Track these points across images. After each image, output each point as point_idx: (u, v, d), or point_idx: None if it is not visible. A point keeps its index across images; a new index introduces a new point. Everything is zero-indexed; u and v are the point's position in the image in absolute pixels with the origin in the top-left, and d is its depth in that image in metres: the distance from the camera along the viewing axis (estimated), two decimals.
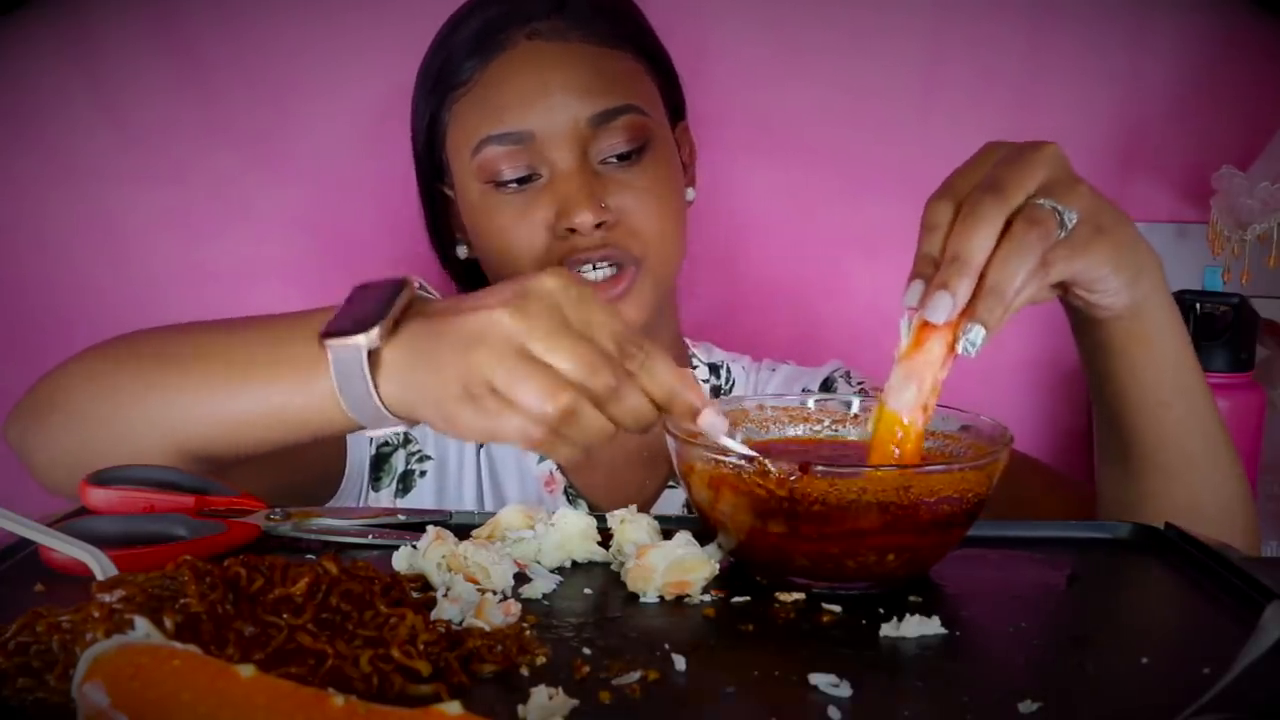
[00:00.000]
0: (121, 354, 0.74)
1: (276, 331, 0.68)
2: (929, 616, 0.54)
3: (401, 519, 0.68)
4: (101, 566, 0.55)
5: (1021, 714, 0.45)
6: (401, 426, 0.64)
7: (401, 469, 0.97)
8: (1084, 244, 0.65)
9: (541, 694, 0.45)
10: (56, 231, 1.18)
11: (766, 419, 0.70)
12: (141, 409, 0.71)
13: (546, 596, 0.58)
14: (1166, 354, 0.72)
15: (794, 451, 0.68)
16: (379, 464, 0.96)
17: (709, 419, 0.59)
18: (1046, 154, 0.65)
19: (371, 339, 0.61)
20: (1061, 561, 0.64)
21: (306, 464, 0.89)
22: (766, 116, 1.20)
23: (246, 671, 0.38)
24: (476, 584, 0.57)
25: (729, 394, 1.03)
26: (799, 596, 0.58)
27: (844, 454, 0.68)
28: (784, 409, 0.71)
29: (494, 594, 0.56)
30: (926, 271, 0.62)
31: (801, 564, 0.58)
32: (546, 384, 0.57)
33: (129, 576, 0.48)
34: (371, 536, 0.66)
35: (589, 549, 0.63)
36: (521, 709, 0.45)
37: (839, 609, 0.56)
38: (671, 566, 0.58)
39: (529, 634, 0.52)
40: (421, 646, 0.47)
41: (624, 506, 0.64)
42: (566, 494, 0.97)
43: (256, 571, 0.50)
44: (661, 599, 0.58)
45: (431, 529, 0.61)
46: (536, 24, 0.89)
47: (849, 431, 0.70)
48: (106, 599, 0.46)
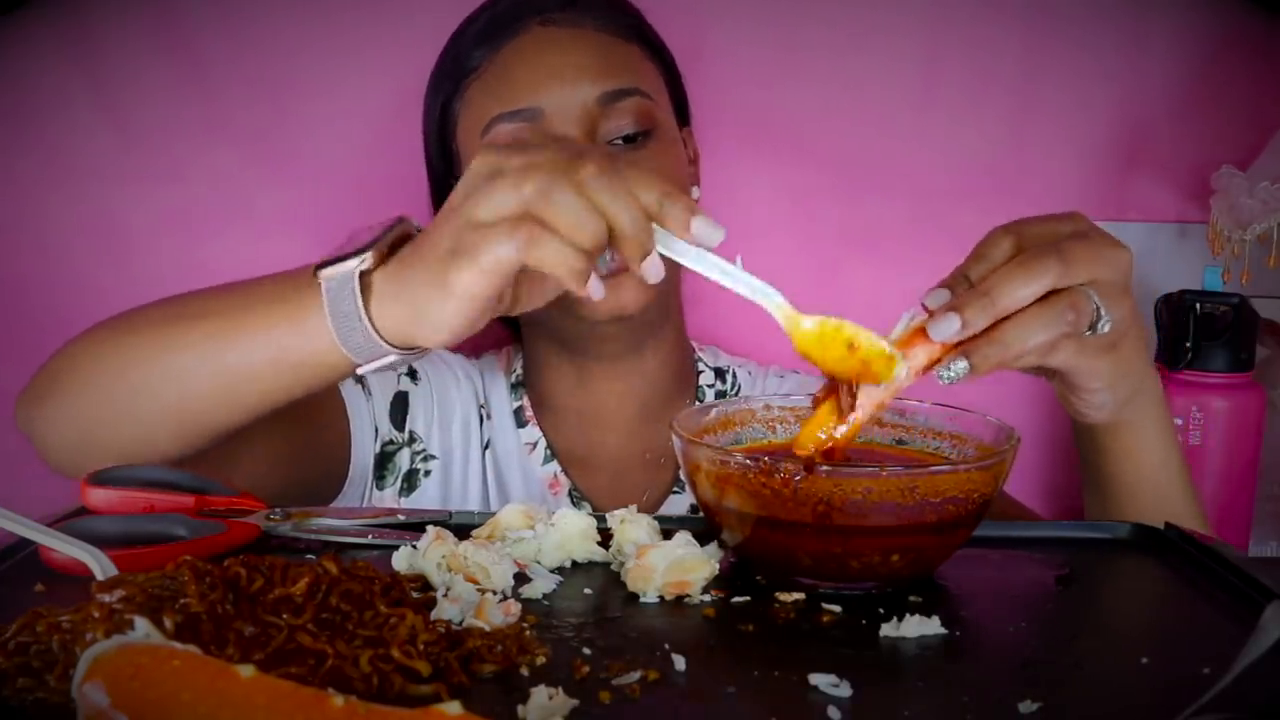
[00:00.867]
0: (125, 323, 0.76)
1: (275, 280, 0.71)
2: (929, 616, 0.54)
3: (401, 519, 0.68)
4: (101, 566, 0.55)
5: (1021, 714, 0.45)
6: (392, 356, 0.66)
7: (406, 468, 0.97)
8: (1093, 351, 0.65)
9: (541, 694, 0.45)
10: (56, 231, 1.18)
11: (773, 419, 0.70)
12: (144, 371, 0.72)
13: (546, 596, 0.58)
14: (1151, 465, 0.74)
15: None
16: (383, 462, 0.96)
17: (701, 226, 0.60)
18: (1121, 256, 0.64)
19: (363, 260, 0.64)
20: (1061, 562, 0.64)
21: (312, 460, 0.89)
22: (764, 116, 1.20)
23: (246, 671, 0.38)
24: (476, 584, 0.57)
25: (734, 398, 1.03)
26: (799, 596, 0.58)
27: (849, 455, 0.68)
28: (790, 409, 0.71)
29: (494, 594, 0.56)
30: (958, 288, 0.62)
31: (805, 564, 0.58)
32: (515, 179, 0.60)
33: (129, 576, 0.48)
34: (371, 536, 0.66)
35: (589, 549, 0.63)
36: (521, 709, 0.45)
37: (839, 609, 0.56)
38: (671, 566, 0.58)
39: (529, 634, 0.52)
40: (421, 646, 0.47)
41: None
42: (571, 496, 0.97)
43: (256, 571, 0.50)
44: (661, 599, 0.58)
45: (431, 529, 0.61)
46: (548, 13, 0.90)
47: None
48: (106, 599, 0.46)
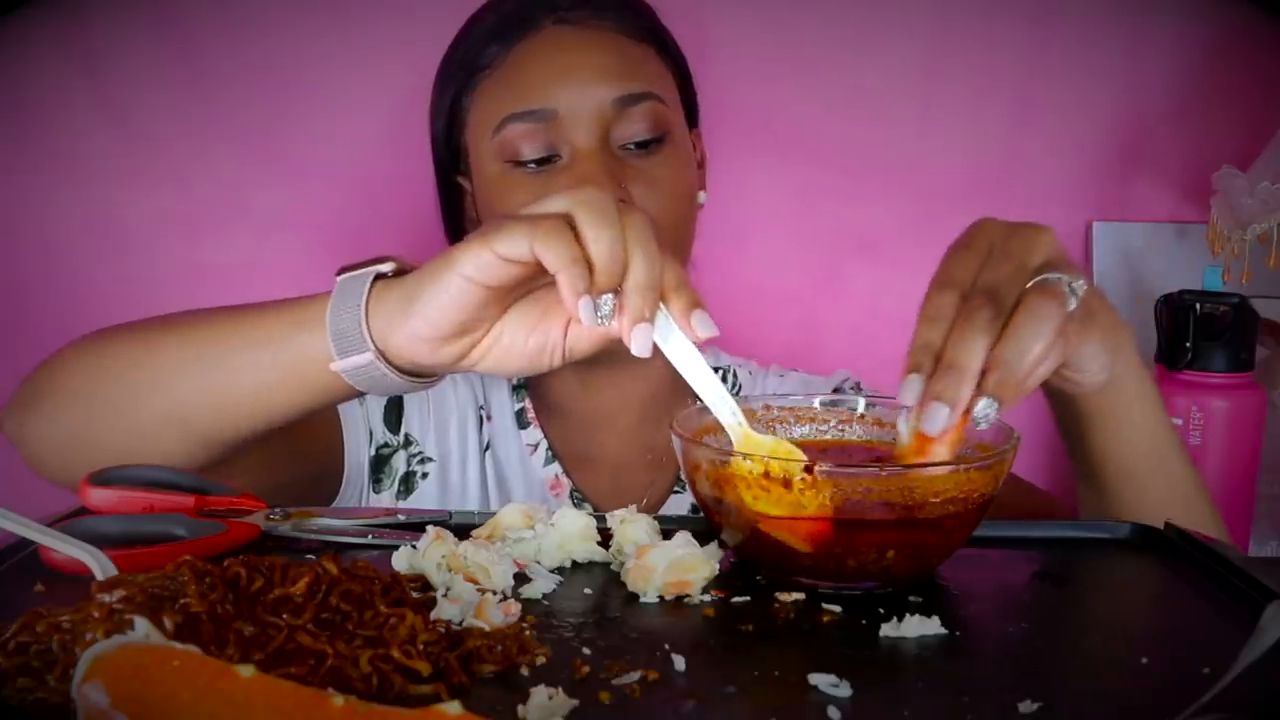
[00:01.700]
0: (118, 332, 0.76)
1: (260, 309, 0.72)
2: (929, 616, 0.54)
3: (401, 519, 0.68)
4: (101, 566, 0.55)
5: (1021, 714, 0.45)
6: (368, 354, 0.66)
7: (403, 470, 0.96)
8: (1083, 326, 0.65)
9: (541, 694, 0.45)
10: (56, 231, 1.18)
11: (773, 419, 0.70)
12: (132, 386, 0.72)
13: (546, 596, 0.58)
14: (1142, 425, 0.73)
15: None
16: (379, 465, 0.96)
17: (700, 320, 0.62)
18: (1045, 234, 0.64)
19: (388, 266, 0.68)
20: (1061, 561, 0.64)
21: (304, 464, 0.89)
22: (764, 116, 1.20)
23: (246, 671, 0.38)
24: (476, 584, 0.57)
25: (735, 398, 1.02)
26: (799, 596, 0.58)
27: (849, 454, 0.68)
28: (790, 409, 0.71)
29: (494, 594, 0.56)
30: (924, 363, 0.60)
31: (805, 564, 0.58)
32: (568, 193, 0.63)
33: (129, 576, 0.48)
34: (371, 536, 0.66)
35: (589, 549, 0.63)
36: (521, 709, 0.45)
37: (839, 609, 0.56)
38: (671, 566, 0.58)
39: (529, 634, 0.52)
40: (421, 646, 0.47)
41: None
42: (572, 497, 0.97)
43: (256, 571, 0.50)
44: (661, 599, 0.58)
45: (431, 529, 0.61)
46: (562, 11, 0.90)
47: (855, 432, 0.70)
48: (106, 599, 0.46)
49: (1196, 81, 1.19)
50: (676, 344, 0.63)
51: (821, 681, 0.47)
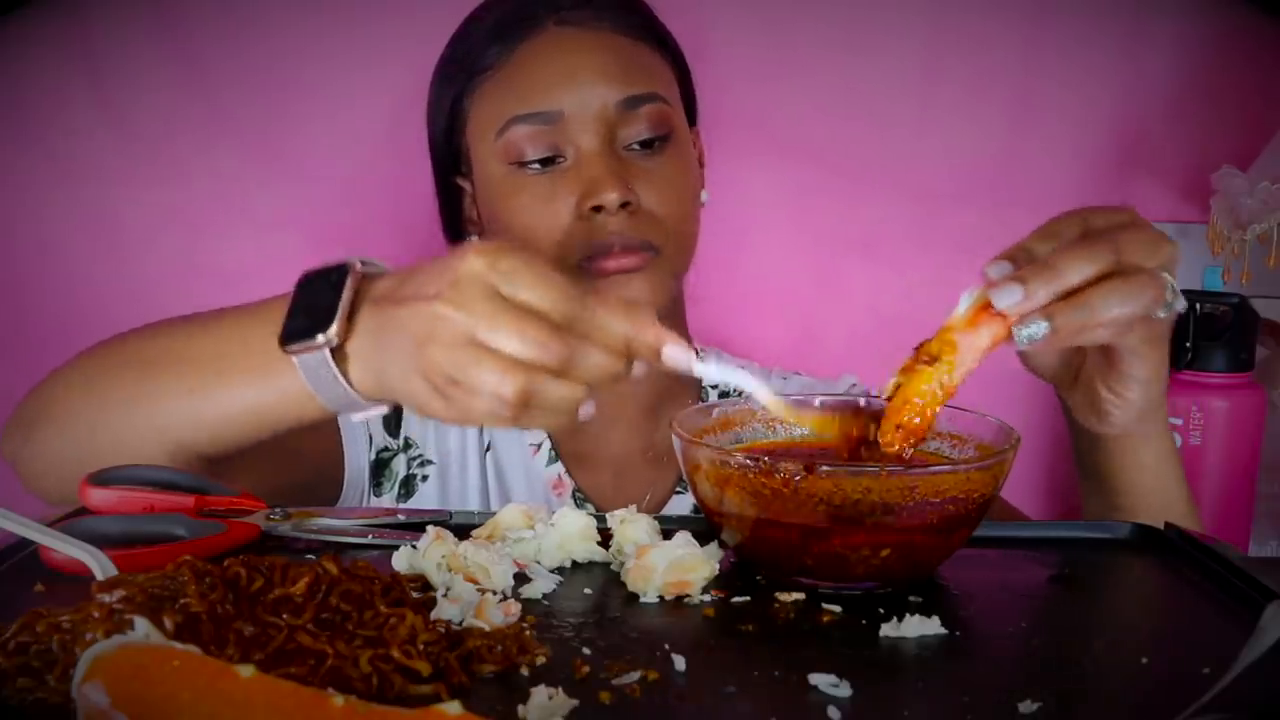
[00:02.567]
0: (104, 361, 0.75)
1: (242, 330, 0.70)
2: (929, 616, 0.54)
3: (401, 519, 0.68)
4: (101, 566, 0.55)
5: (1021, 714, 0.45)
6: (383, 408, 0.66)
7: (403, 474, 0.97)
8: (1155, 338, 0.68)
9: (541, 694, 0.45)
10: (56, 231, 1.18)
11: (773, 419, 0.70)
12: (127, 414, 0.72)
13: (546, 596, 0.58)
14: (1156, 471, 0.76)
15: (800, 452, 0.68)
16: (379, 469, 0.96)
17: (672, 352, 0.59)
18: (1174, 248, 0.65)
19: (330, 338, 0.62)
20: (1062, 562, 0.64)
21: (303, 469, 0.89)
22: (763, 115, 1.20)
23: (246, 671, 0.38)
24: (476, 584, 0.57)
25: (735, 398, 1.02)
26: (799, 596, 0.58)
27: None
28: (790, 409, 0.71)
29: (494, 594, 0.56)
30: (1018, 258, 0.62)
31: (805, 563, 0.58)
32: (499, 367, 0.57)
33: (129, 576, 0.48)
34: (371, 536, 0.66)
35: (589, 549, 0.63)
36: (521, 709, 0.45)
37: (839, 609, 0.56)
38: (671, 566, 0.58)
39: (529, 634, 0.52)
40: (421, 646, 0.47)
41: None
42: (574, 497, 0.97)
43: (256, 571, 0.50)
44: (661, 599, 0.58)
45: (431, 529, 0.61)
46: (564, 12, 0.90)
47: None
48: (106, 599, 0.46)
49: (1196, 81, 1.19)
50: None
51: (821, 681, 0.47)
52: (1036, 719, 0.45)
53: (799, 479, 0.55)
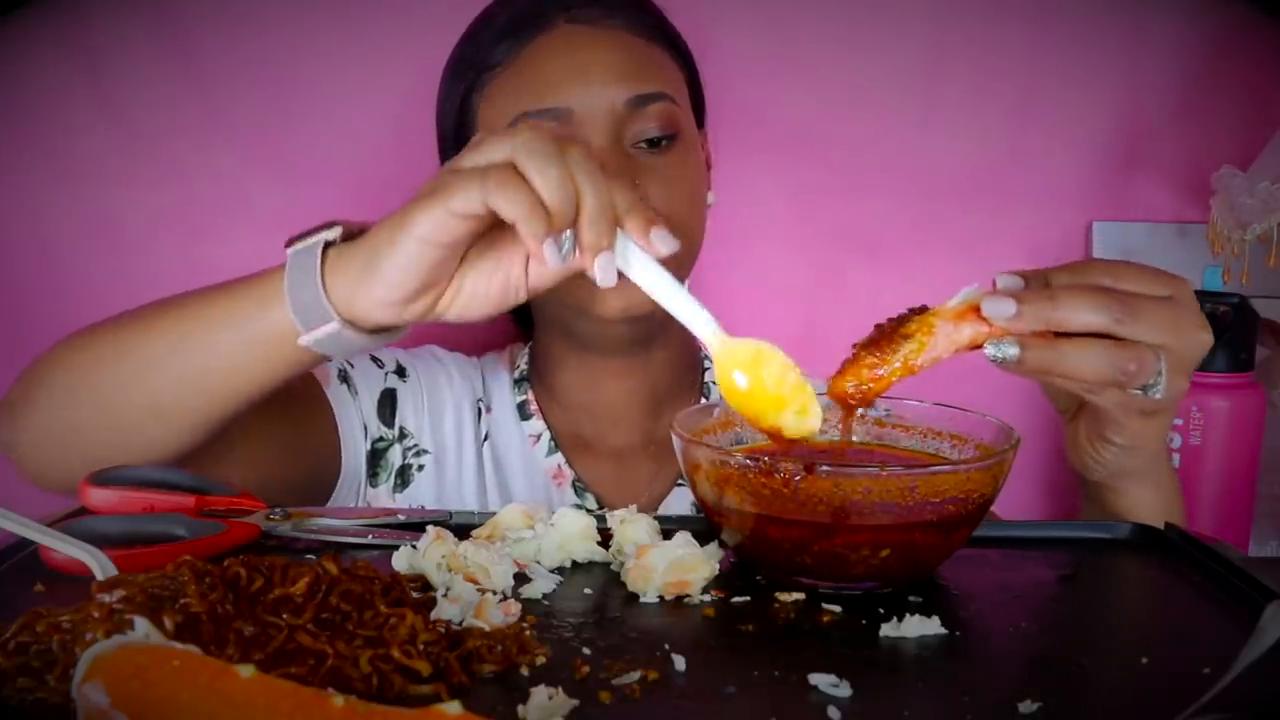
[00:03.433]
0: (97, 330, 0.77)
1: (221, 292, 0.74)
2: (929, 616, 0.54)
3: (401, 519, 0.68)
4: (101, 566, 0.55)
5: (1021, 714, 0.45)
6: (333, 324, 0.68)
7: (399, 464, 0.97)
8: (1131, 410, 0.67)
9: (541, 694, 0.45)
10: (56, 231, 1.18)
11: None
12: (113, 370, 0.74)
13: (546, 596, 0.58)
14: (1151, 500, 0.75)
15: (799, 451, 0.68)
16: (375, 460, 0.96)
17: (658, 237, 0.63)
18: (1201, 337, 0.64)
19: (333, 230, 0.69)
20: (1061, 561, 0.64)
21: (300, 461, 0.89)
22: (764, 115, 1.20)
23: (246, 671, 0.38)
24: (476, 584, 0.57)
25: None
26: (799, 596, 0.58)
27: (849, 454, 0.68)
28: None
29: (494, 594, 0.56)
30: (1030, 282, 0.62)
31: (805, 563, 0.58)
32: (506, 136, 0.63)
33: (129, 576, 0.48)
34: (371, 536, 0.66)
35: (589, 549, 0.63)
36: (521, 709, 0.45)
37: (839, 609, 0.56)
38: (671, 566, 0.58)
39: (529, 634, 0.52)
40: (421, 646, 0.47)
41: (634, 501, 0.64)
42: (574, 487, 0.97)
43: (256, 571, 0.50)
44: (661, 599, 0.58)
45: (431, 529, 0.61)
46: (574, 10, 0.90)
47: (854, 432, 0.70)
48: (106, 599, 0.46)
49: (1196, 81, 1.19)
50: (639, 266, 0.65)
51: (821, 681, 0.47)
52: (1036, 719, 0.45)
53: (799, 479, 0.55)
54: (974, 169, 1.21)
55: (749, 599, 0.58)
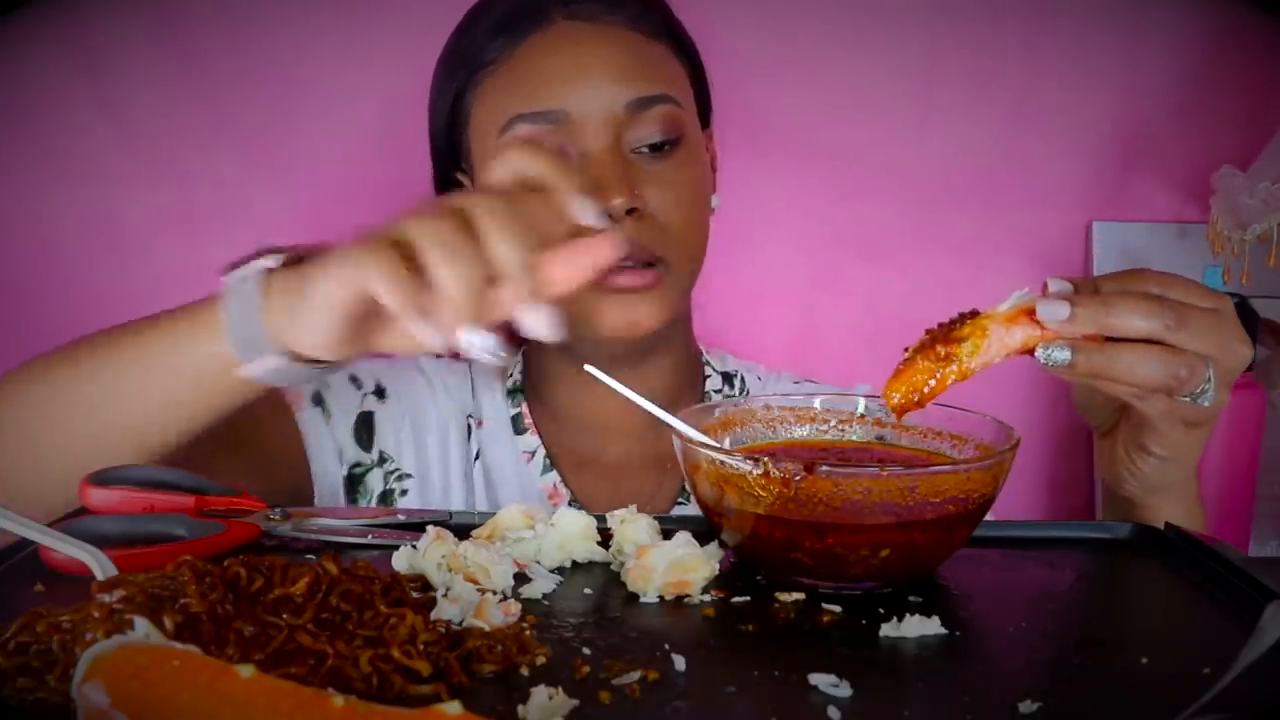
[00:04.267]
0: (35, 370, 0.75)
1: (164, 319, 0.72)
2: (929, 616, 0.54)
3: (401, 519, 0.68)
4: (101, 566, 0.55)
5: (1021, 714, 0.45)
6: (274, 360, 0.66)
7: (379, 489, 0.93)
8: (1176, 419, 0.68)
9: (541, 694, 0.45)
10: (56, 231, 1.18)
11: (773, 419, 0.70)
12: (55, 414, 0.72)
13: (546, 596, 0.58)
14: (1173, 511, 0.76)
15: (800, 452, 0.68)
16: (354, 485, 0.93)
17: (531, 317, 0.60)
18: (1243, 351, 0.66)
19: (274, 260, 0.67)
20: (1062, 562, 0.64)
21: (270, 489, 0.87)
22: (764, 116, 1.20)
23: (246, 671, 0.38)
24: (476, 584, 0.57)
25: (735, 398, 1.01)
26: (799, 596, 0.58)
27: (850, 454, 0.68)
28: (790, 409, 0.71)
29: (494, 594, 0.56)
30: (1082, 286, 0.63)
31: (805, 564, 0.58)
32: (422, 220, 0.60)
33: (129, 576, 0.48)
34: (371, 536, 0.66)
35: (589, 549, 0.63)
36: (521, 709, 0.45)
37: (839, 609, 0.56)
38: (671, 566, 0.58)
39: (529, 634, 0.52)
40: (421, 646, 0.47)
41: None
42: (571, 506, 0.95)
43: (256, 571, 0.50)
44: (661, 599, 0.58)
45: (431, 529, 0.61)
46: (574, 5, 0.86)
47: (854, 432, 0.70)
48: (106, 599, 0.46)
49: (1196, 81, 1.19)
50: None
51: (821, 681, 0.47)
52: (1036, 719, 0.45)
53: (799, 479, 0.55)
54: (974, 170, 1.21)
55: (749, 599, 0.58)
